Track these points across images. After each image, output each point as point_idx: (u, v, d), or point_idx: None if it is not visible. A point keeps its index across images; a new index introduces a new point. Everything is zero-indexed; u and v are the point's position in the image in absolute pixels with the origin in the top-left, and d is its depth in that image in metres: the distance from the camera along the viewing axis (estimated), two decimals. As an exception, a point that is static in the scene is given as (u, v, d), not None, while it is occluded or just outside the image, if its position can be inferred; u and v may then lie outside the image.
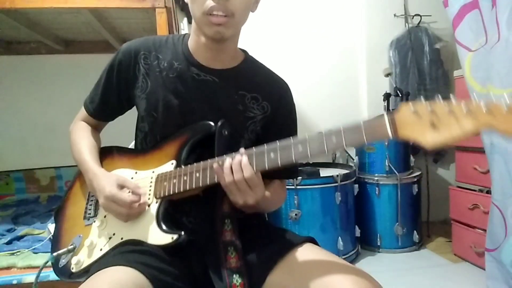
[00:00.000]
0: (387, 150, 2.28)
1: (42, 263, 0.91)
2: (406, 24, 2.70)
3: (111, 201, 0.83)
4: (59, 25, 2.06)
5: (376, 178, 2.29)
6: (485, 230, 1.74)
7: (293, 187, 2.02)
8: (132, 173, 0.92)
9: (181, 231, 0.79)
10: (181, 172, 0.83)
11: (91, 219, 0.93)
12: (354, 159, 2.48)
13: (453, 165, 2.62)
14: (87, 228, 0.92)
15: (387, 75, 2.51)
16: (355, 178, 2.27)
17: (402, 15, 2.70)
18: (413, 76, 2.62)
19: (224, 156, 0.77)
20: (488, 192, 1.82)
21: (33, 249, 1.49)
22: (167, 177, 0.85)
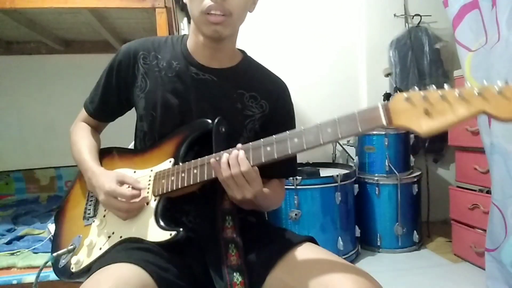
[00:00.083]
0: (387, 150, 2.28)
1: (42, 263, 0.91)
2: (406, 24, 2.70)
3: (111, 197, 0.83)
4: (59, 25, 2.06)
5: (376, 178, 2.29)
6: (485, 230, 1.73)
7: (293, 187, 2.02)
8: (131, 172, 0.92)
9: (179, 228, 0.79)
10: (179, 169, 0.84)
11: (90, 219, 0.94)
12: (354, 159, 2.48)
13: (453, 165, 2.62)
14: (87, 228, 0.93)
15: (387, 75, 2.51)
16: (355, 178, 2.27)
17: (402, 15, 2.70)
18: (413, 76, 2.62)
19: (221, 152, 0.78)
20: (488, 192, 1.82)
21: (33, 249, 1.48)
22: (165, 174, 0.85)
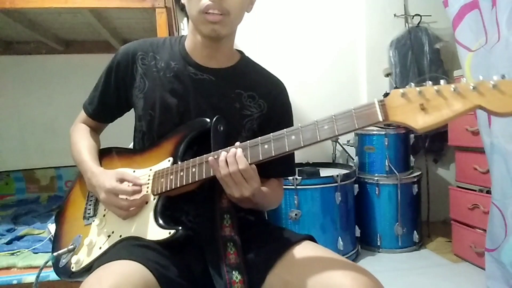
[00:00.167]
0: (387, 150, 2.28)
1: (42, 263, 0.91)
2: (406, 24, 2.70)
3: (112, 194, 0.83)
4: (59, 25, 2.06)
5: (376, 178, 2.29)
6: (485, 230, 1.73)
7: (293, 187, 2.02)
8: (130, 172, 0.92)
9: (178, 226, 0.80)
10: (177, 168, 0.84)
11: (90, 218, 0.94)
12: (354, 159, 2.48)
13: (453, 165, 2.62)
14: (87, 227, 0.93)
15: (387, 75, 2.51)
16: (355, 178, 2.27)
17: (402, 15, 2.70)
18: (413, 76, 2.62)
19: (220, 151, 0.78)
20: (488, 192, 1.82)
21: (33, 249, 1.49)
22: (164, 173, 0.86)
